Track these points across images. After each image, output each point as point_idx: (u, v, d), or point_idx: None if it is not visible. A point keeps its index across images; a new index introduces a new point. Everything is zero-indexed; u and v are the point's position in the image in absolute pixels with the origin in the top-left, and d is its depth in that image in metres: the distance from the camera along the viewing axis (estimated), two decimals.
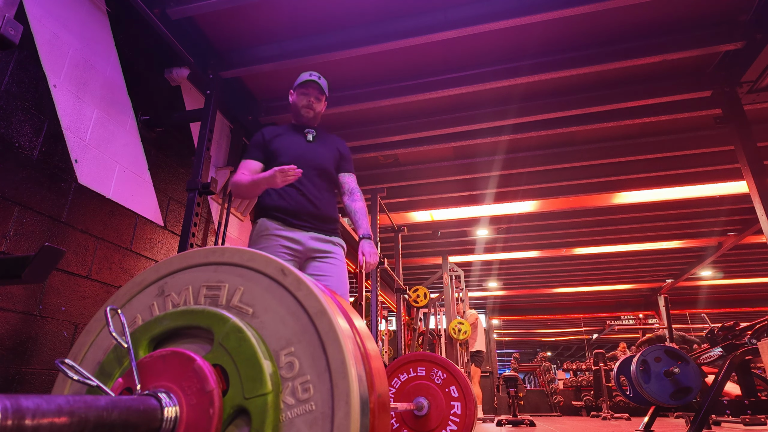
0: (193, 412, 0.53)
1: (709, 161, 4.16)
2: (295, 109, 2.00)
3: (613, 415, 6.29)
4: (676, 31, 2.75)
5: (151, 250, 2.42)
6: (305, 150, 1.93)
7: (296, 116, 2.02)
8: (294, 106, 2.00)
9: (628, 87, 3.21)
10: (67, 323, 1.90)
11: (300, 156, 1.89)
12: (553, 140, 4.03)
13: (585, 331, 12.96)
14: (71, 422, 0.40)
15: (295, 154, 1.90)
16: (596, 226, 5.96)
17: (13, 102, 1.75)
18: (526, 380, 12.09)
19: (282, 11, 2.62)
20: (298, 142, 1.95)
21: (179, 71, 2.63)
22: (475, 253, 7.19)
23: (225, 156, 3.22)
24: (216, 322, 0.60)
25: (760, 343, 2.54)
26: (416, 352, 3.95)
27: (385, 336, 6.83)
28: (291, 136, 1.97)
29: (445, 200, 5.09)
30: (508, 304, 11.55)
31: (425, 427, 2.08)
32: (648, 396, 3.01)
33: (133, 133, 2.38)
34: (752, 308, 10.14)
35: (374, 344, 0.68)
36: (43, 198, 1.84)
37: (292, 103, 2.02)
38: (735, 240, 6.14)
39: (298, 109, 1.98)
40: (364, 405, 0.54)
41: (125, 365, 0.62)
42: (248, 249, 0.66)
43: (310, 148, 1.94)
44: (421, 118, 3.60)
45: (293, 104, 2.01)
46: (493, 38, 2.81)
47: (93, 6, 2.18)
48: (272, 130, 1.98)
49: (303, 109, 1.97)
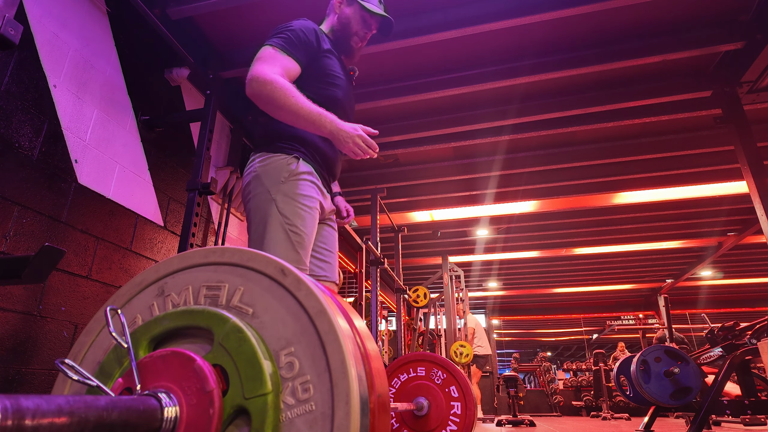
0: (193, 412, 0.53)
1: (709, 161, 4.16)
2: (345, 27, 1.55)
3: (613, 415, 6.29)
4: (676, 31, 2.75)
5: (151, 250, 2.42)
6: (351, 89, 1.56)
7: (340, 35, 1.57)
8: (345, 23, 1.55)
9: (628, 87, 3.21)
10: (67, 323, 1.90)
11: (349, 95, 1.54)
12: (553, 140, 4.03)
13: (585, 331, 12.96)
14: (71, 422, 0.40)
15: (347, 91, 1.52)
16: (596, 226, 5.96)
17: (13, 102, 1.75)
18: (526, 380, 12.09)
19: (282, 11, 2.62)
20: (346, 76, 1.54)
21: (179, 71, 2.63)
22: (475, 253, 7.19)
23: (225, 156, 3.22)
24: (216, 323, 0.60)
25: (760, 343, 2.54)
26: (416, 352, 3.95)
27: (385, 336, 6.83)
28: (339, 63, 1.53)
29: (445, 200, 5.09)
30: (508, 304, 11.55)
31: (425, 427, 2.08)
32: (648, 396, 3.01)
33: (133, 133, 2.38)
34: (752, 308, 10.14)
35: (374, 344, 0.68)
36: (43, 198, 1.84)
37: (344, 16, 1.55)
38: (735, 240, 6.14)
39: (350, 32, 1.55)
40: (364, 405, 0.54)
41: (125, 365, 0.62)
42: (248, 249, 0.66)
43: (352, 89, 1.58)
44: (421, 118, 3.60)
45: (345, 19, 1.55)
46: (493, 38, 2.81)
47: (93, 6, 2.18)
48: (322, 35, 1.49)
49: (355, 37, 1.56)
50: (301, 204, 1.32)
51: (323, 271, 1.51)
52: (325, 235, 1.53)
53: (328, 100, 1.42)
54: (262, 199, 1.33)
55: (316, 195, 1.37)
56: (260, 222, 1.32)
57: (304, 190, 1.34)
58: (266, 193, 1.32)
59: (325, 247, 1.53)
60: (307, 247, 1.34)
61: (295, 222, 1.30)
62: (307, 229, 1.32)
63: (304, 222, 1.31)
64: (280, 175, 1.33)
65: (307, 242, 1.34)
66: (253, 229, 1.34)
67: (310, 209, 1.34)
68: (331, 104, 1.41)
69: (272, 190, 1.31)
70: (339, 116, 1.36)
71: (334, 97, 1.46)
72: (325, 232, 1.53)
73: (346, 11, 1.56)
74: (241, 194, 1.43)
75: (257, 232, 1.32)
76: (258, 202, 1.34)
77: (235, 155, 3.23)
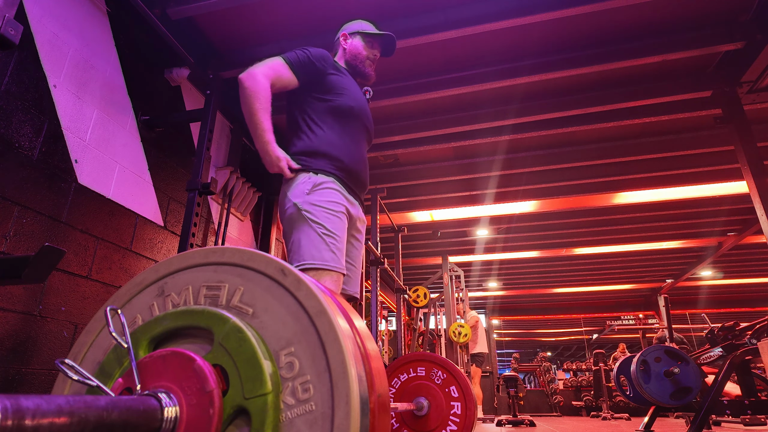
0: (193, 412, 0.53)
1: (709, 161, 4.15)
2: (355, 57, 1.72)
3: (613, 415, 6.29)
4: (676, 31, 2.75)
5: (151, 250, 2.42)
6: (366, 105, 1.67)
7: (354, 65, 1.73)
8: (354, 54, 1.72)
9: (628, 87, 3.21)
10: (67, 323, 1.90)
11: (364, 108, 1.63)
12: (553, 140, 4.03)
13: (585, 331, 12.96)
14: (71, 422, 0.40)
15: (361, 103, 1.62)
16: (596, 226, 5.96)
17: (13, 102, 1.75)
18: (526, 380, 12.09)
19: (282, 11, 2.62)
20: (360, 92, 1.67)
21: (179, 71, 2.63)
22: (475, 253, 7.19)
23: (225, 156, 3.22)
24: (216, 323, 0.60)
25: (760, 343, 2.54)
26: (416, 352, 3.95)
27: (385, 336, 6.83)
28: (352, 81, 1.66)
29: (445, 200, 5.09)
30: (508, 304, 11.55)
31: (425, 427, 2.08)
32: (648, 396, 3.01)
33: (133, 133, 2.38)
34: (752, 308, 10.14)
35: (374, 344, 0.68)
36: (43, 198, 1.84)
37: (351, 48, 1.73)
38: (735, 240, 6.14)
39: (361, 59, 1.71)
40: (364, 405, 0.54)
41: (125, 365, 0.62)
42: (248, 249, 0.66)
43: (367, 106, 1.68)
44: (421, 118, 3.60)
45: (353, 50, 1.72)
46: (493, 38, 2.81)
47: (93, 6, 2.18)
48: (331, 61, 1.62)
49: (366, 61, 1.72)
50: (329, 209, 1.41)
51: (344, 285, 1.51)
52: (350, 249, 1.58)
53: (340, 108, 1.55)
54: (292, 212, 1.42)
55: (341, 200, 1.46)
56: (294, 233, 1.40)
57: (329, 196, 1.43)
58: (294, 206, 1.42)
59: (349, 261, 1.57)
60: (342, 249, 1.41)
61: (326, 225, 1.38)
62: (339, 231, 1.41)
63: (335, 224, 1.40)
64: (305, 188, 1.43)
65: (341, 244, 1.41)
66: (289, 241, 1.42)
67: (337, 213, 1.43)
68: (345, 113, 1.55)
69: (299, 201, 1.41)
70: (354, 126, 1.57)
71: (347, 105, 1.56)
72: (350, 245, 1.58)
73: (352, 43, 1.74)
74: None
75: (293, 242, 1.39)
76: (290, 215, 1.43)
77: (235, 155, 3.23)
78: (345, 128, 1.55)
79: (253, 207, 3.38)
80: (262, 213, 3.73)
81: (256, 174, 3.48)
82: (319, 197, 1.41)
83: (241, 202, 3.22)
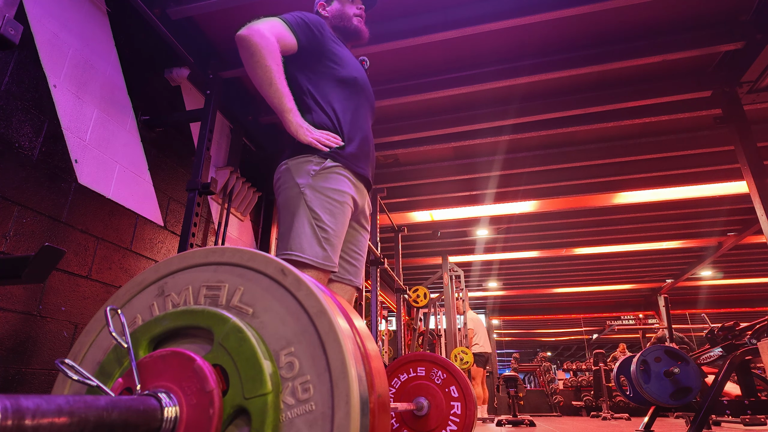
0: (193, 412, 0.53)
1: (709, 161, 4.16)
2: (341, 18, 1.57)
3: (613, 415, 6.29)
4: (676, 31, 2.75)
5: (151, 250, 2.42)
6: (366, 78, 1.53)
7: (342, 26, 1.58)
8: (339, 15, 1.57)
9: (628, 87, 3.21)
10: (67, 323, 1.90)
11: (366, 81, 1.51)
12: (553, 140, 4.03)
13: (585, 331, 12.96)
14: (71, 422, 0.40)
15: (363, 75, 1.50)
16: (596, 226, 5.96)
17: (13, 102, 1.75)
18: (526, 380, 12.10)
19: (281, 11, 2.61)
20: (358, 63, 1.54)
21: (179, 71, 2.63)
22: (475, 253, 7.19)
23: (225, 156, 3.22)
24: (216, 322, 0.60)
25: (760, 343, 2.54)
26: (416, 352, 3.95)
27: (385, 336, 6.83)
28: (348, 52, 1.53)
29: (445, 200, 5.09)
30: (508, 304, 11.55)
31: (425, 427, 2.08)
32: (648, 396, 3.01)
33: (133, 133, 2.38)
34: (752, 308, 10.13)
35: (374, 344, 0.68)
36: (43, 198, 1.84)
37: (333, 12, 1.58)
38: (735, 240, 6.14)
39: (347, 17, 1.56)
40: (364, 405, 0.54)
41: (125, 365, 0.62)
42: (248, 249, 0.66)
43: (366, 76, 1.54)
44: (421, 118, 3.60)
45: (336, 12, 1.58)
46: (493, 38, 2.81)
47: (93, 6, 2.18)
48: (329, 28, 1.50)
49: (354, 18, 1.57)
50: (330, 198, 1.29)
51: (348, 274, 1.46)
52: (357, 237, 1.49)
53: (345, 80, 1.44)
54: (291, 193, 1.31)
55: (348, 189, 1.34)
56: (288, 216, 1.30)
57: (334, 183, 1.31)
58: (295, 186, 1.31)
59: (355, 249, 1.48)
60: (336, 245, 1.30)
61: (323, 218, 1.27)
62: (336, 225, 1.29)
63: (334, 218, 1.28)
64: (310, 168, 1.31)
65: (336, 240, 1.29)
66: (281, 222, 1.33)
67: (340, 204, 1.30)
68: (349, 84, 1.44)
69: (302, 183, 1.30)
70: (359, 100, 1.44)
71: (351, 76, 1.45)
72: (356, 233, 1.49)
73: (333, 6, 1.60)
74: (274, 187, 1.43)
75: (285, 225, 1.30)
76: (287, 195, 1.32)
77: (235, 155, 3.23)
78: (350, 102, 1.43)
79: (253, 207, 3.38)
80: (262, 213, 3.73)
81: (256, 174, 3.48)
82: (324, 183, 1.29)
83: (241, 202, 3.23)
